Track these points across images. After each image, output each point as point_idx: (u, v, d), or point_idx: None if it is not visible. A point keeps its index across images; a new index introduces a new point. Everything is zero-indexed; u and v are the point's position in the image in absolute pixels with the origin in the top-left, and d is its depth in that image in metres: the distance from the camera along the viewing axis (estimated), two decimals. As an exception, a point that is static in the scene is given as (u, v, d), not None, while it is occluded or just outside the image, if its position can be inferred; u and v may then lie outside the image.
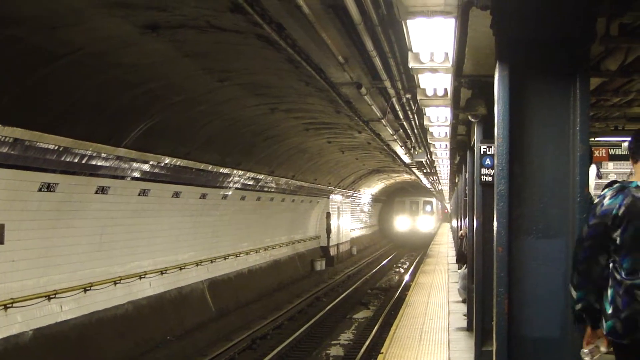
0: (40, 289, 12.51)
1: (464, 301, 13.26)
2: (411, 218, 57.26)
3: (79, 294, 13.74)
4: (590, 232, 3.93)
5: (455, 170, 23.59)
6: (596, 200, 4.00)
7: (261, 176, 22.49)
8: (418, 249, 48.12)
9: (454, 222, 28.14)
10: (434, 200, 59.08)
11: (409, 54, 5.94)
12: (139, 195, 15.31)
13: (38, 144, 10.97)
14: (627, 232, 3.84)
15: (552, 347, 4.20)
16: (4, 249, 11.34)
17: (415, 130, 17.06)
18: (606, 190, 3.96)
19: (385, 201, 59.61)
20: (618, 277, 3.88)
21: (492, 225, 4.35)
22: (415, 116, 14.70)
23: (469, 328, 11.88)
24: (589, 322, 3.98)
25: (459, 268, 13.41)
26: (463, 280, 12.86)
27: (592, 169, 8.83)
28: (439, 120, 10.81)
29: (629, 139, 4.22)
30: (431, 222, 57.79)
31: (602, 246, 3.91)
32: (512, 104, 4.21)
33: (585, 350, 4.05)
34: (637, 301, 3.82)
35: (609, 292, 3.92)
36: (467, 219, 12.44)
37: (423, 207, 57.85)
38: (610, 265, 3.91)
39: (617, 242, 3.86)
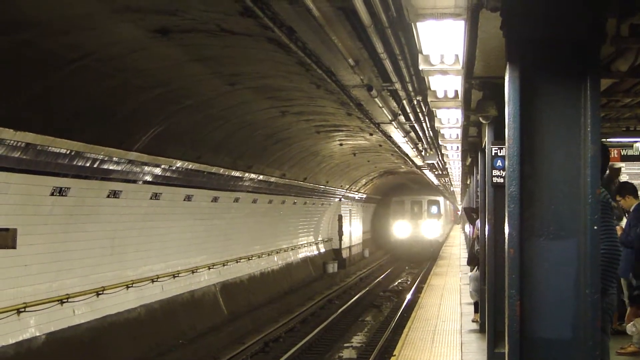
0: (52, 293, 12.57)
1: (475, 304, 13.21)
2: (413, 223, 45.56)
3: (91, 298, 13.79)
4: None
5: (467, 172, 23.58)
6: None
7: (273, 179, 22.50)
8: (421, 263, 40.82)
9: (466, 226, 27.99)
10: (441, 199, 48.00)
11: (419, 56, 5.93)
12: (151, 198, 15.35)
13: (50, 148, 11.01)
14: None
15: (565, 349, 4.18)
16: (17, 253, 11.37)
17: (427, 132, 17.04)
18: None
19: (380, 201, 48.96)
20: None
21: (504, 227, 4.34)
22: (426, 118, 14.68)
23: (481, 330, 11.86)
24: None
25: (471, 270, 13.35)
26: (475, 282, 12.80)
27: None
28: (450, 122, 10.81)
29: None
30: (438, 227, 46.42)
31: None
32: (522, 106, 4.20)
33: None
34: None
35: None
36: (478, 221, 12.40)
37: (428, 209, 46.39)
38: None
39: None
